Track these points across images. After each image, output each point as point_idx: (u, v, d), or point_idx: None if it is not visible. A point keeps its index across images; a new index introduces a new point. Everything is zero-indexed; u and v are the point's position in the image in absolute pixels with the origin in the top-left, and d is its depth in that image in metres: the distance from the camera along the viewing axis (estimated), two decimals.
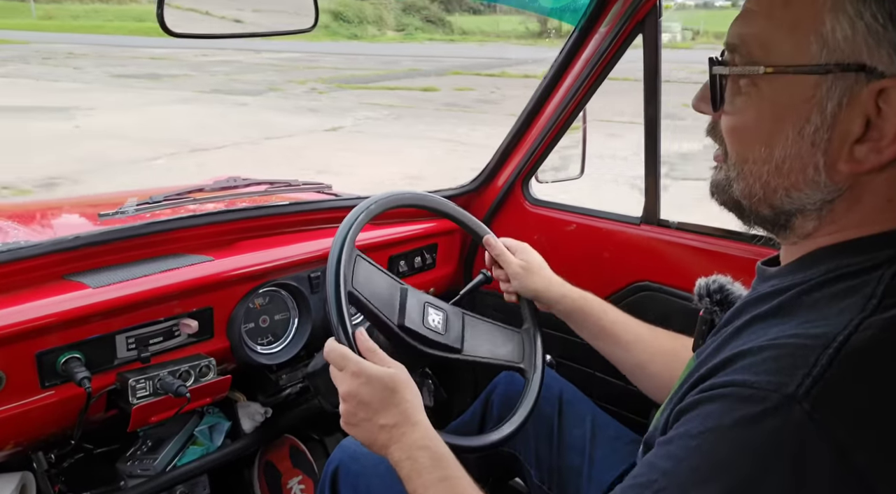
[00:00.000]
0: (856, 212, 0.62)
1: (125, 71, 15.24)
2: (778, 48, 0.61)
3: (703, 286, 0.95)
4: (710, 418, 0.57)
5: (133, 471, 1.36)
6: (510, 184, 1.79)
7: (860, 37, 0.57)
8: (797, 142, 0.61)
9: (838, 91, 0.58)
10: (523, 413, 1.19)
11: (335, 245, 1.12)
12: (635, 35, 1.49)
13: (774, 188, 0.65)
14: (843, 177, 0.61)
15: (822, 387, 0.53)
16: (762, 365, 0.57)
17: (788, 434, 0.52)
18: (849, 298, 0.58)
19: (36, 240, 1.26)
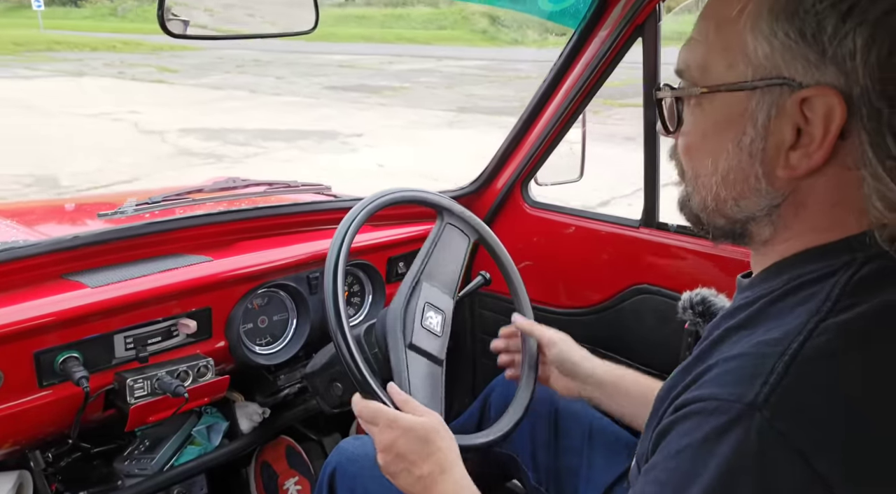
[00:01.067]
0: (804, 217, 0.65)
1: (336, 82, 14.07)
2: (713, 70, 0.66)
3: (686, 299, 0.97)
4: (684, 436, 0.59)
5: (130, 471, 1.36)
6: (509, 186, 1.79)
7: (777, 53, 0.61)
8: (737, 154, 0.66)
9: (766, 104, 0.63)
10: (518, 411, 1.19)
11: (333, 245, 1.12)
12: (635, 39, 1.49)
13: (724, 199, 0.69)
14: (783, 182, 0.64)
15: (780, 395, 0.55)
16: (725, 377, 0.59)
17: (752, 443, 0.54)
18: (806, 304, 0.61)
19: (35, 239, 1.26)
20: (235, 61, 17.97)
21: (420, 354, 1.16)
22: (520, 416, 1.19)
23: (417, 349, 1.16)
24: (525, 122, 1.72)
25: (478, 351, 1.92)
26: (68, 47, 21.47)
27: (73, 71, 16.03)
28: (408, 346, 1.15)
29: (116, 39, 22.63)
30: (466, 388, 1.97)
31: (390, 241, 1.65)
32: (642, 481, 0.63)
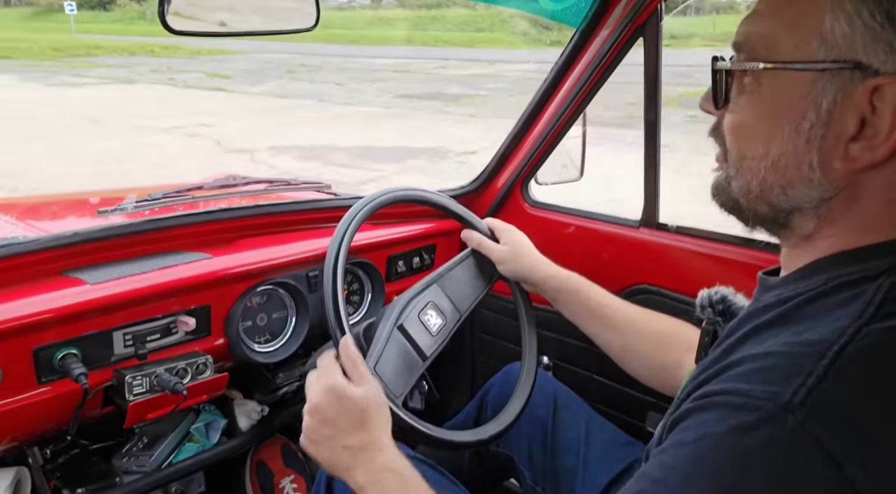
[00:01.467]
0: (854, 213, 0.62)
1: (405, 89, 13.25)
2: (780, 46, 0.62)
3: (705, 297, 0.94)
4: (703, 426, 0.57)
5: (129, 468, 1.36)
6: (509, 185, 1.79)
7: (857, 34, 0.58)
8: (793, 139, 0.62)
9: (833, 88, 0.59)
10: (516, 409, 1.20)
11: (333, 244, 1.12)
12: (636, 38, 1.49)
13: (771, 185, 0.65)
14: (839, 175, 0.61)
15: (817, 398, 0.52)
16: (757, 374, 0.56)
17: (781, 444, 0.52)
18: (847, 306, 0.58)
19: (34, 235, 1.26)
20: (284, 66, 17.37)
21: (405, 338, 1.17)
22: (516, 414, 1.20)
23: (405, 332, 1.18)
24: (525, 122, 1.72)
25: (476, 350, 1.93)
26: (107, 52, 21.13)
27: (122, 77, 15.70)
28: (397, 325, 1.17)
29: (154, 43, 22.31)
30: (465, 387, 1.98)
31: (390, 240, 1.65)
32: (650, 464, 0.61)
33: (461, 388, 1.99)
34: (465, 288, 1.30)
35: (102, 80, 15.30)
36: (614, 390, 1.55)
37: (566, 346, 1.63)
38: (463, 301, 1.28)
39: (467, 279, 1.31)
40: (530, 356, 1.28)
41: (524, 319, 1.32)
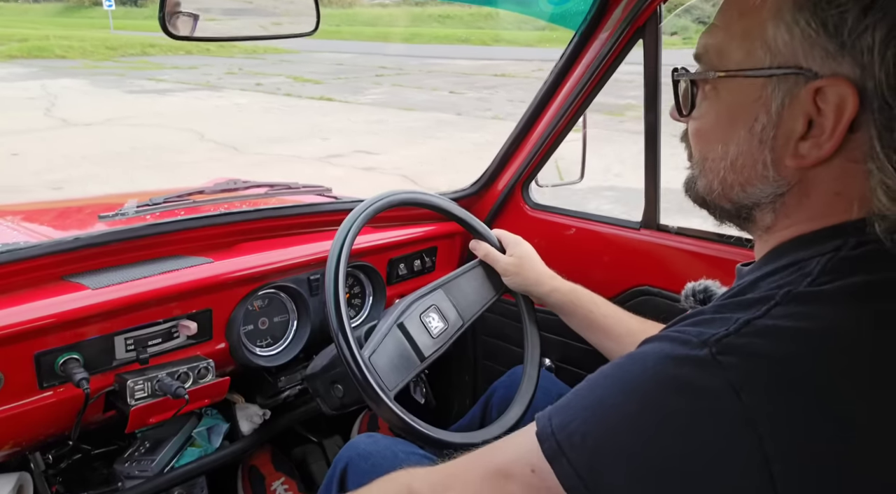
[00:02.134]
0: (806, 206, 0.67)
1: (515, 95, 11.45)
2: (732, 55, 0.68)
3: (689, 288, 1.01)
4: (640, 352, 0.65)
5: (131, 472, 1.36)
6: (510, 188, 1.79)
7: (797, 42, 0.62)
8: (748, 140, 0.67)
9: (781, 92, 0.64)
10: (519, 411, 1.20)
11: (334, 247, 1.13)
12: (635, 40, 1.50)
13: (731, 184, 0.71)
14: (790, 171, 0.66)
15: (733, 339, 0.58)
16: (697, 322, 0.64)
17: (693, 369, 0.58)
18: (788, 277, 0.63)
19: (36, 240, 1.26)
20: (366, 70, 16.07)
21: (404, 336, 1.18)
22: (521, 414, 1.20)
23: (405, 330, 1.19)
24: (526, 124, 1.72)
25: (479, 353, 1.93)
26: (162, 51, 20.11)
27: (202, 82, 14.34)
28: (397, 323, 1.18)
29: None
30: (467, 390, 1.97)
31: (391, 243, 1.65)
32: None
33: (464, 391, 1.99)
34: (470, 296, 1.31)
35: (182, 85, 13.97)
36: None
37: (569, 348, 1.63)
38: (467, 309, 1.29)
39: (474, 288, 1.32)
40: (532, 360, 1.28)
41: (526, 321, 1.32)
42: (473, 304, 1.30)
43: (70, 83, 13.88)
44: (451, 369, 1.99)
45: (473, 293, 1.31)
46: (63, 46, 19.65)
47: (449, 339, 1.23)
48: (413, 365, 1.16)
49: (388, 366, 1.12)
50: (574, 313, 1.26)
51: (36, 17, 31.00)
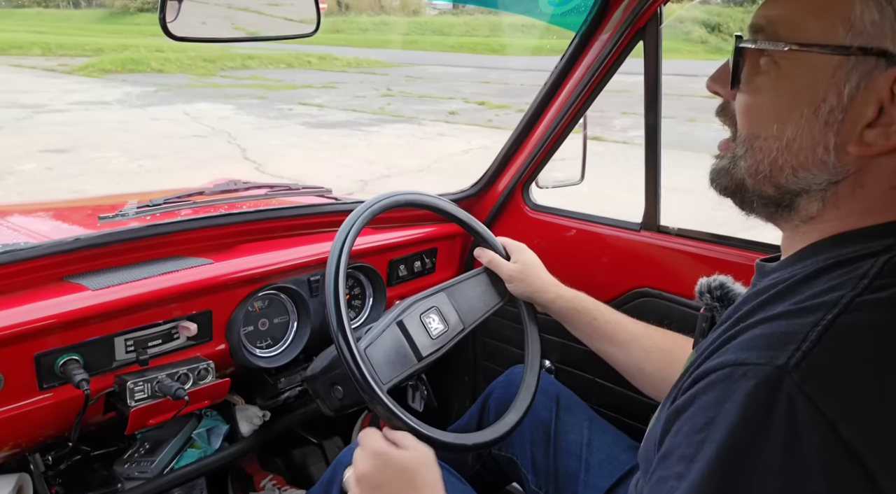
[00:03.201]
0: (859, 198, 0.64)
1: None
2: (805, 29, 0.63)
3: (703, 284, 0.96)
4: (710, 408, 0.57)
5: (130, 474, 1.36)
6: (510, 189, 1.79)
7: (888, 23, 0.59)
8: (811, 122, 0.63)
9: (857, 74, 0.60)
10: (519, 412, 1.19)
11: (334, 248, 1.12)
12: (636, 42, 1.50)
13: (782, 166, 0.66)
14: (852, 159, 0.63)
15: (812, 360, 0.54)
16: (753, 342, 0.58)
17: (780, 406, 0.53)
18: (841, 280, 0.60)
19: (36, 241, 1.26)
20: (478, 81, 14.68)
21: (403, 333, 1.18)
22: (520, 416, 1.19)
23: (403, 328, 1.18)
24: (526, 125, 1.72)
25: (479, 353, 1.92)
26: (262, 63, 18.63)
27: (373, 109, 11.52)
28: (396, 321, 1.18)
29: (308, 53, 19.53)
30: (467, 391, 1.97)
31: (391, 244, 1.65)
32: (664, 466, 0.61)
33: (463, 391, 1.99)
34: (473, 302, 1.30)
35: (360, 114, 11.24)
36: (616, 393, 1.55)
37: (568, 349, 1.63)
38: (469, 314, 1.28)
39: (477, 294, 1.32)
40: (532, 368, 1.28)
41: (528, 331, 1.32)
42: (476, 310, 1.30)
43: (212, 109, 11.64)
44: (451, 370, 1.99)
45: (476, 299, 1.31)
46: (159, 58, 17.94)
47: (448, 342, 1.22)
48: (409, 362, 1.16)
49: (384, 360, 1.12)
50: (578, 320, 1.25)
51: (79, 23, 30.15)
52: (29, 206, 1.98)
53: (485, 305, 1.32)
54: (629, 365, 1.20)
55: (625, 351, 1.20)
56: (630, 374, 1.20)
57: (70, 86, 14.34)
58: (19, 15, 35.30)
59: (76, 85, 14.56)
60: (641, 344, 1.18)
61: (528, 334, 1.31)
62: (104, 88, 14.15)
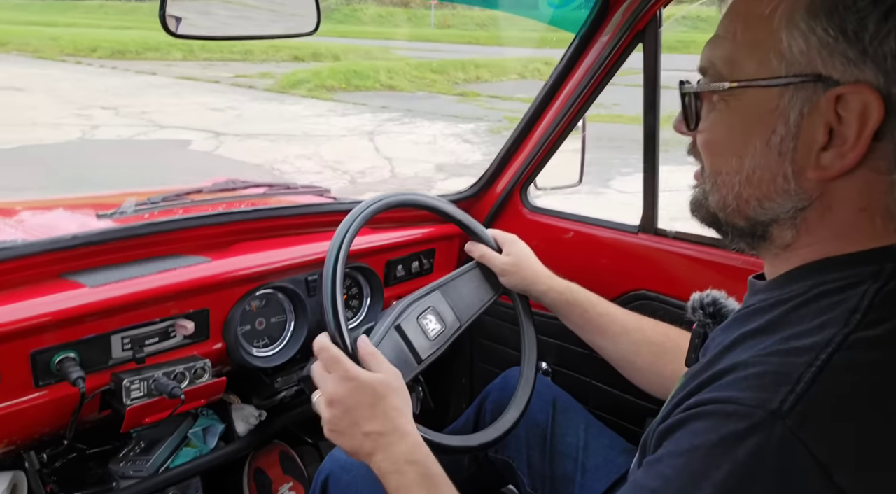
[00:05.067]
0: (829, 222, 0.64)
1: None
2: (743, 66, 0.65)
3: (696, 300, 0.96)
4: (696, 436, 0.58)
5: (126, 472, 1.36)
6: (508, 190, 1.79)
7: (814, 49, 0.60)
8: (765, 153, 0.65)
9: (799, 101, 0.62)
10: (515, 414, 1.20)
11: (332, 248, 1.12)
12: (635, 44, 1.50)
13: (747, 199, 0.67)
14: (812, 184, 0.63)
15: (806, 404, 0.54)
16: (746, 381, 0.58)
17: (772, 451, 0.53)
18: (832, 313, 0.60)
19: (33, 238, 1.26)
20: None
21: (401, 337, 1.17)
22: (515, 420, 1.19)
23: (402, 332, 1.18)
24: (525, 127, 1.72)
25: (476, 355, 1.92)
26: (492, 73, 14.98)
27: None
28: (394, 325, 1.18)
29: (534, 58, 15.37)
30: (464, 392, 1.97)
31: (389, 244, 1.65)
32: (643, 473, 0.62)
33: (460, 393, 1.98)
34: (468, 298, 1.30)
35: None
36: (613, 396, 1.55)
37: (565, 352, 1.63)
38: (465, 311, 1.28)
39: (471, 290, 1.32)
40: (529, 362, 1.28)
41: (524, 325, 1.32)
42: (471, 306, 1.30)
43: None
44: (448, 372, 1.99)
45: (470, 295, 1.31)
46: (383, 71, 14.17)
47: (446, 341, 1.22)
48: (410, 367, 1.16)
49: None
50: (570, 312, 1.26)
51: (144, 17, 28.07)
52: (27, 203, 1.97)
53: (479, 300, 1.32)
54: (619, 358, 1.21)
55: (615, 344, 1.21)
56: (621, 366, 1.22)
57: (316, 110, 11.23)
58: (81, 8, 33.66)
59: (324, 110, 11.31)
60: (632, 338, 1.20)
61: (524, 328, 1.31)
62: (356, 114, 11.13)
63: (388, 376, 0.97)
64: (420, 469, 0.88)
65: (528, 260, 1.32)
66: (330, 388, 0.95)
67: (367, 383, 0.94)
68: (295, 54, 17.85)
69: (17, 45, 18.97)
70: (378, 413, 0.92)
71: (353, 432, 0.92)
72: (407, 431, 0.92)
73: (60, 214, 1.85)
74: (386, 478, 0.89)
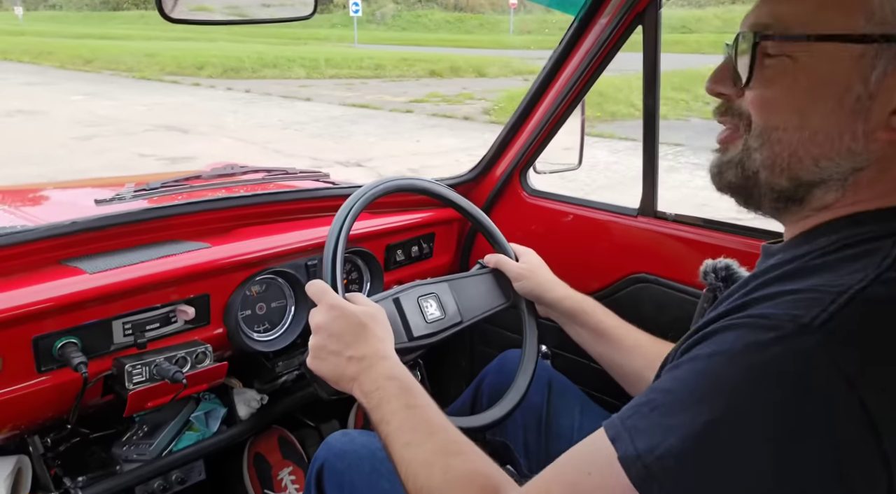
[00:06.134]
0: (879, 184, 0.65)
1: None
2: (823, 21, 0.64)
3: (709, 264, 0.96)
4: (722, 343, 0.59)
5: (129, 456, 1.37)
6: (508, 174, 1.79)
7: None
8: (835, 111, 0.64)
9: (883, 62, 0.61)
10: (519, 392, 1.20)
11: (331, 233, 1.12)
12: (635, 26, 1.49)
13: (802, 157, 0.66)
14: (880, 145, 0.63)
15: (837, 322, 0.54)
16: (781, 302, 0.59)
17: (797, 360, 0.54)
18: (864, 259, 0.60)
19: (33, 224, 1.26)
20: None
21: (397, 310, 1.18)
22: (521, 395, 1.20)
23: (398, 305, 1.19)
24: (524, 110, 1.71)
25: (475, 338, 1.93)
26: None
27: None
28: (392, 298, 1.19)
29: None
30: (463, 375, 1.98)
31: (389, 229, 1.65)
32: (661, 378, 0.63)
33: (459, 376, 1.99)
34: (475, 299, 1.30)
35: None
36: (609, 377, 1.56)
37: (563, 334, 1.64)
38: (469, 309, 1.28)
39: (481, 292, 1.31)
40: (531, 338, 1.28)
41: (526, 319, 1.31)
42: (477, 307, 1.29)
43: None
44: (447, 354, 2.00)
45: (479, 296, 1.30)
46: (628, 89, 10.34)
47: (443, 330, 1.22)
48: (398, 336, 1.14)
49: None
50: (585, 321, 1.25)
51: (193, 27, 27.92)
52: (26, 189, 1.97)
53: (486, 304, 1.31)
54: (630, 372, 1.19)
55: (629, 357, 1.19)
56: (629, 381, 1.20)
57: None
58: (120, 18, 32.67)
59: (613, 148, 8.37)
60: (646, 352, 1.18)
61: (528, 330, 1.30)
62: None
63: (372, 309, 1.03)
64: (399, 383, 0.92)
65: (543, 268, 1.32)
66: (316, 317, 1.01)
67: (351, 312, 0.99)
68: (431, 68, 16.26)
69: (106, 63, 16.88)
70: (360, 339, 0.97)
71: (336, 358, 0.97)
72: (387, 355, 0.97)
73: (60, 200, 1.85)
74: (368, 397, 0.92)
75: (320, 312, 1.01)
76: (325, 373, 0.99)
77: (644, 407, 0.61)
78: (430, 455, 0.81)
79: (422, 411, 0.88)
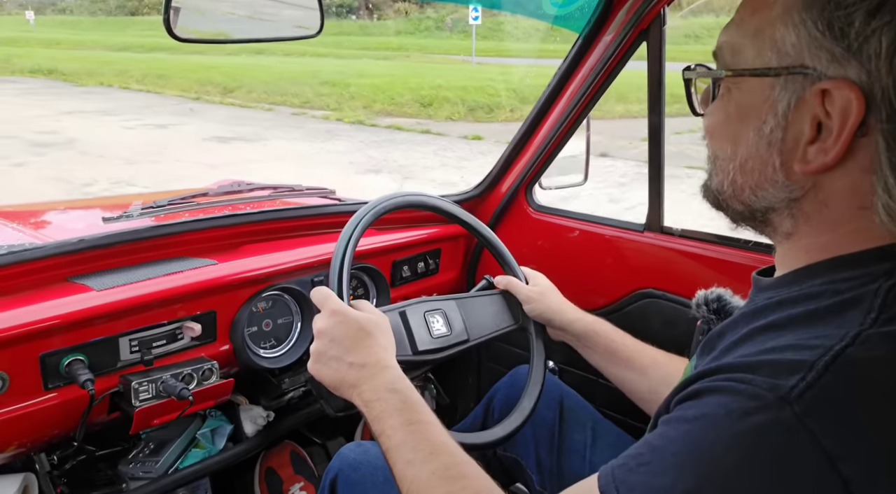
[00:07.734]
0: (828, 217, 0.65)
1: None
2: (743, 54, 0.67)
3: (701, 296, 0.97)
4: (706, 406, 0.59)
5: (135, 473, 1.36)
6: (514, 190, 1.79)
7: (803, 43, 0.61)
8: (756, 142, 0.66)
9: (788, 93, 0.63)
10: (523, 413, 1.19)
11: (338, 249, 1.13)
12: (639, 43, 1.50)
13: (741, 186, 0.69)
14: (799, 177, 0.64)
15: (816, 393, 0.54)
16: (761, 367, 0.58)
17: (775, 434, 0.54)
18: (847, 312, 0.60)
19: (40, 242, 1.26)
20: None
21: (403, 323, 1.18)
22: (525, 417, 1.19)
23: (404, 318, 1.18)
24: (529, 126, 1.72)
25: (483, 355, 1.93)
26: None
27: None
28: (399, 311, 1.18)
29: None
30: (471, 391, 1.97)
31: (395, 245, 1.65)
32: (654, 432, 0.63)
33: (467, 392, 1.99)
34: (483, 318, 1.29)
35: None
36: (620, 394, 1.55)
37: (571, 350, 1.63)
38: (476, 328, 1.27)
39: (490, 312, 1.30)
40: (538, 360, 1.28)
41: (534, 341, 1.31)
42: (485, 327, 1.28)
43: None
44: (455, 371, 1.99)
45: (487, 316, 1.30)
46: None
47: (448, 347, 1.21)
48: (402, 348, 1.14)
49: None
50: (597, 343, 1.24)
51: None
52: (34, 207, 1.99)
53: (494, 325, 1.30)
54: (647, 391, 1.18)
55: (645, 376, 1.18)
56: (645, 400, 1.18)
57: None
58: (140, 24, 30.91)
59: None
60: (660, 369, 1.17)
61: (535, 352, 1.30)
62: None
63: (375, 316, 1.02)
64: (400, 396, 0.91)
65: (554, 291, 1.32)
66: (319, 322, 1.00)
67: (353, 318, 0.99)
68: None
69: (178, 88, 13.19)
70: (362, 346, 0.96)
71: (337, 364, 0.96)
72: (389, 364, 0.96)
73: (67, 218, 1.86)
74: (368, 407, 0.91)
75: (323, 317, 1.00)
76: (325, 378, 0.99)
77: (633, 461, 0.63)
78: (432, 478, 0.81)
79: (424, 428, 0.87)
